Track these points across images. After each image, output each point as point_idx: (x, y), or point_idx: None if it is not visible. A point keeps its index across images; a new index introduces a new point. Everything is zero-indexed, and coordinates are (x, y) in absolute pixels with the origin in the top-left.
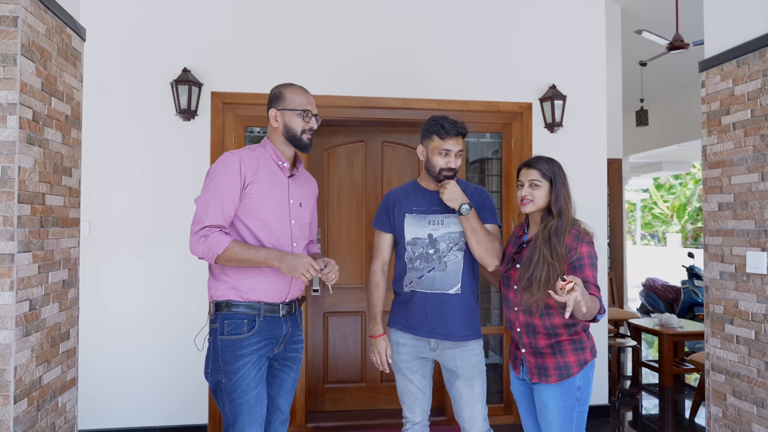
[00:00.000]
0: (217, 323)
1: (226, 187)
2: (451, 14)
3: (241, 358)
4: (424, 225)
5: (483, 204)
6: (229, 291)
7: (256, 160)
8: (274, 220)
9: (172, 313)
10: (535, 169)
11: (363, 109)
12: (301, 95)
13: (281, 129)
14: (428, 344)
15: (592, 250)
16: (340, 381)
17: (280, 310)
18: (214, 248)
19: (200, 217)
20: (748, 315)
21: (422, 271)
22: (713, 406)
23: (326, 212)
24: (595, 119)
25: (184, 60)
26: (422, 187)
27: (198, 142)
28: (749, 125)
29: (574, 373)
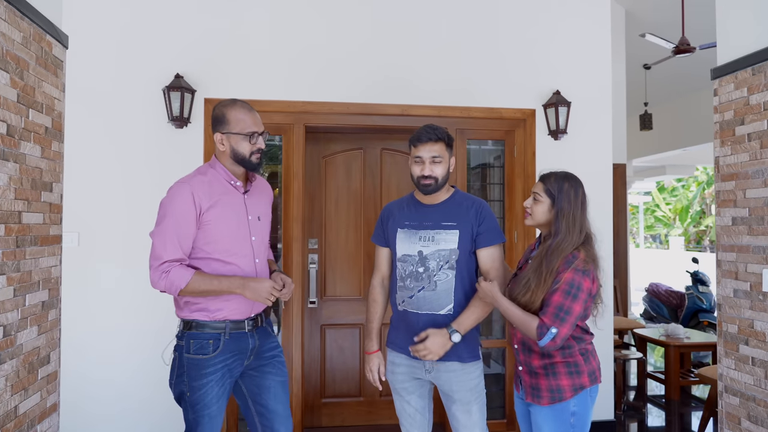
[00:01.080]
0: (184, 341)
1: (181, 220)
2: (452, 19)
3: (206, 377)
4: (414, 241)
5: (481, 222)
6: (195, 312)
7: (208, 186)
8: (234, 242)
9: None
10: (542, 182)
11: (361, 116)
12: (245, 115)
13: (228, 152)
14: (423, 366)
15: (577, 278)
16: (338, 395)
17: (246, 326)
18: (176, 283)
19: (158, 253)
20: (765, 336)
21: (412, 290)
22: (726, 429)
23: (323, 222)
24: (600, 126)
25: (177, 66)
26: (416, 200)
27: (191, 149)
28: (766, 137)
29: (567, 397)
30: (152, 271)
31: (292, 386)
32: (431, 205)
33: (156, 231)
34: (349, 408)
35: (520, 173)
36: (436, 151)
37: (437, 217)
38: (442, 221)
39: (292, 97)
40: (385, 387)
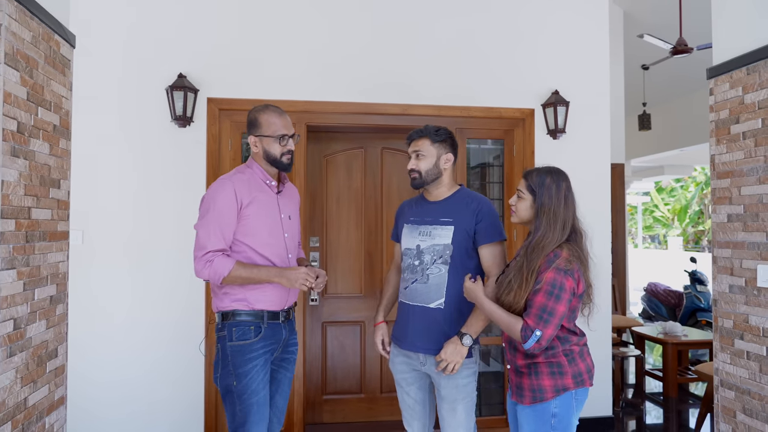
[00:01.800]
0: (225, 331)
1: (224, 213)
2: (451, 19)
3: (250, 362)
4: (415, 235)
5: (480, 220)
6: (235, 302)
7: (247, 183)
8: (270, 237)
9: (161, 322)
10: (525, 179)
11: (362, 116)
12: (276, 119)
13: (261, 153)
14: (417, 358)
15: (558, 278)
16: (339, 392)
17: (280, 317)
18: (219, 271)
19: (203, 243)
20: (760, 330)
21: (408, 281)
22: (722, 423)
23: (325, 219)
24: (598, 125)
25: (180, 65)
26: (423, 198)
27: (194, 149)
28: (760, 135)
29: (548, 398)
30: (197, 261)
31: (294, 383)
32: (434, 202)
33: (200, 223)
34: (350, 404)
35: (519, 172)
36: (418, 146)
37: (437, 213)
38: (441, 217)
39: (294, 96)
40: (386, 383)
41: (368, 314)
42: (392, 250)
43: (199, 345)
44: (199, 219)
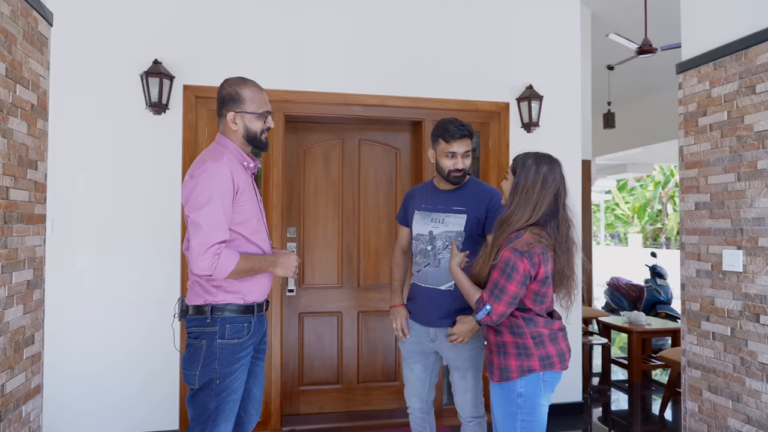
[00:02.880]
0: (217, 326)
1: (225, 200)
2: (429, 12)
3: (239, 361)
4: (427, 222)
5: (490, 209)
6: (229, 295)
7: (236, 166)
8: (258, 223)
9: (136, 314)
10: (513, 160)
11: (340, 106)
12: (259, 94)
13: (241, 131)
14: (428, 334)
15: (513, 258)
16: (316, 383)
17: (264, 307)
18: (226, 266)
19: (209, 234)
20: (724, 312)
21: (420, 265)
22: (689, 401)
23: (302, 210)
24: (570, 121)
25: (155, 51)
26: (434, 186)
27: (169, 136)
28: (726, 126)
29: (513, 377)
30: (201, 255)
31: (271, 374)
32: (447, 191)
33: (203, 213)
34: (327, 395)
35: (494, 164)
36: (467, 145)
37: (450, 201)
38: (453, 206)
39: (271, 85)
40: (363, 374)
41: (346, 304)
42: (370, 240)
43: (173, 341)
44: (199, 209)
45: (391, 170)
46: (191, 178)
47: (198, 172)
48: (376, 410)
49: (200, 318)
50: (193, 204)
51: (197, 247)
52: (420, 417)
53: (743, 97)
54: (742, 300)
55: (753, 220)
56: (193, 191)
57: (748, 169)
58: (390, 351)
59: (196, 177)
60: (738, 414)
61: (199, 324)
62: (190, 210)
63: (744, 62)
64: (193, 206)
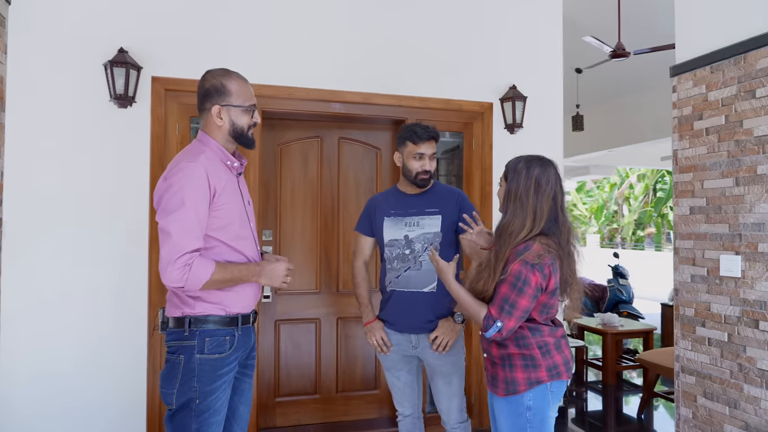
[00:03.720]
0: (195, 340)
1: (199, 205)
2: (414, 10)
3: (220, 378)
4: (401, 227)
5: (461, 209)
6: (209, 307)
7: (215, 166)
8: (242, 228)
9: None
10: (506, 166)
11: (320, 103)
12: (245, 87)
13: (227, 127)
14: (410, 341)
15: (524, 272)
16: (293, 393)
17: (250, 319)
18: (199, 276)
19: (179, 243)
20: (721, 317)
21: (399, 270)
22: (683, 407)
23: (278, 212)
24: (552, 122)
25: (121, 39)
26: (401, 191)
27: (136, 132)
28: (723, 131)
29: (521, 390)
30: (171, 265)
31: None
32: (414, 195)
33: (173, 219)
34: (305, 406)
35: (478, 165)
36: (433, 147)
37: (421, 204)
38: (426, 208)
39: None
40: (341, 383)
41: (324, 311)
42: (350, 243)
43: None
44: (168, 214)
45: (372, 170)
46: (164, 180)
47: (172, 173)
48: (356, 420)
49: (178, 331)
50: (164, 209)
51: (166, 257)
52: (411, 423)
53: (742, 102)
54: (740, 306)
55: (752, 226)
56: (164, 195)
57: (747, 174)
58: (370, 359)
59: (169, 179)
60: (735, 420)
61: (177, 338)
62: (160, 216)
63: (743, 66)
64: (163, 212)
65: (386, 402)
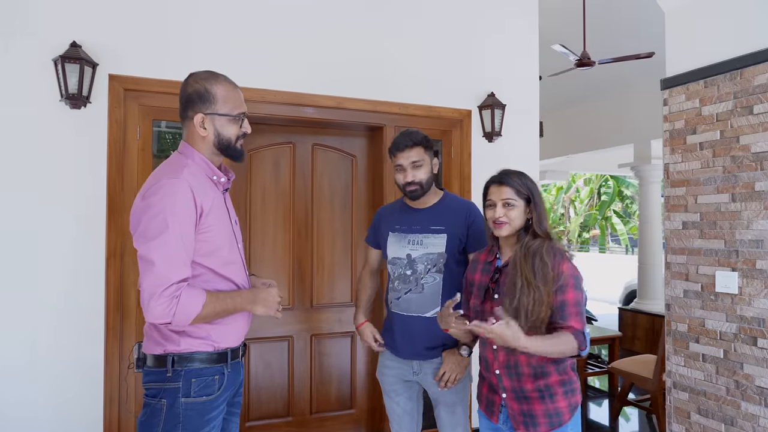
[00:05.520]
0: (180, 382)
1: (185, 228)
2: (392, 15)
3: (209, 423)
4: (404, 245)
5: (471, 226)
6: (198, 342)
7: (200, 182)
8: (231, 252)
9: (54, 346)
10: (508, 186)
11: (293, 107)
12: (233, 92)
13: (212, 138)
14: (411, 367)
15: (573, 267)
16: (264, 417)
17: (240, 353)
18: (189, 309)
19: (164, 273)
20: (716, 334)
21: (400, 292)
22: (675, 423)
23: (248, 223)
24: (529, 129)
25: (74, 32)
26: (407, 205)
27: (92, 135)
28: (718, 146)
29: (566, 420)
30: (155, 299)
31: None
32: (420, 209)
33: (155, 245)
34: (277, 430)
35: (457, 175)
36: (414, 156)
37: (426, 221)
38: (431, 225)
39: None
40: (316, 404)
41: (297, 328)
42: (324, 256)
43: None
44: (150, 240)
45: (348, 178)
46: (142, 199)
47: (150, 192)
48: None
49: (159, 371)
50: (143, 234)
51: (150, 289)
52: None
53: (739, 117)
54: (737, 322)
55: (750, 242)
56: (142, 218)
57: (744, 190)
58: (345, 376)
59: (147, 198)
60: None
61: (158, 379)
62: (139, 242)
63: (740, 82)
64: (143, 237)
65: (363, 422)
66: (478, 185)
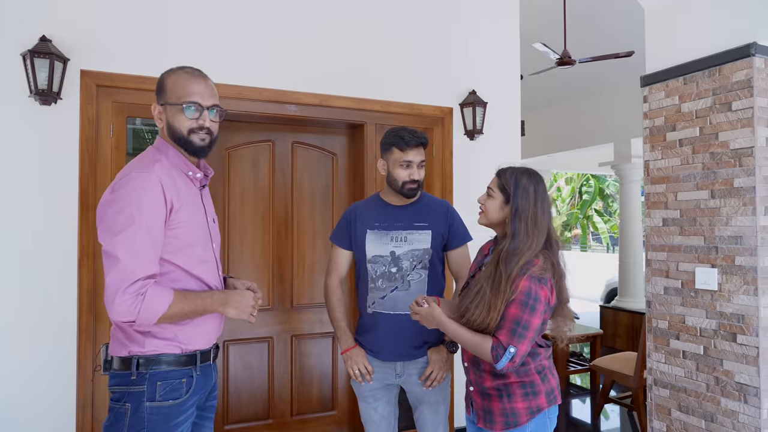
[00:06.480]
0: (145, 385)
1: (153, 223)
2: (373, 13)
3: (176, 428)
4: (386, 242)
5: (452, 223)
6: (164, 343)
7: (172, 178)
8: (204, 250)
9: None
10: (497, 176)
11: (272, 104)
12: (185, 80)
13: (165, 129)
14: (394, 369)
15: (534, 287)
16: (244, 420)
17: (211, 356)
18: (156, 307)
19: (129, 268)
20: (696, 330)
21: (385, 291)
22: (656, 420)
23: (227, 222)
24: (510, 127)
25: (43, 26)
26: (385, 201)
27: (63, 132)
28: (697, 142)
29: (523, 422)
30: (120, 295)
31: None
32: (401, 206)
33: (120, 240)
34: None
35: (438, 173)
36: (422, 155)
37: (409, 217)
38: (414, 222)
39: None
40: (296, 405)
41: (278, 329)
42: (305, 255)
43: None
44: (115, 235)
45: (328, 177)
46: (110, 192)
47: (119, 184)
48: None
49: (124, 374)
50: (108, 228)
51: (114, 285)
52: None
53: (717, 114)
54: (717, 319)
55: (729, 239)
56: (108, 211)
57: (723, 187)
58: (327, 377)
59: (115, 191)
60: None
61: (123, 381)
62: (104, 237)
63: (718, 78)
64: (108, 232)
65: (344, 423)
66: (459, 183)
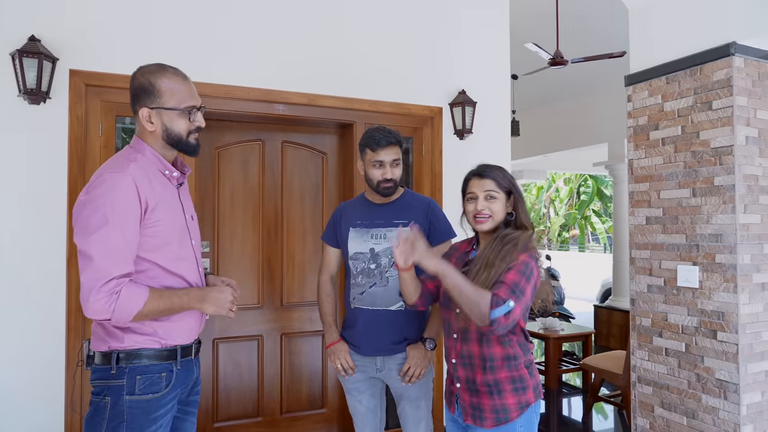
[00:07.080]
0: (124, 379)
1: (127, 222)
2: (363, 11)
3: (155, 422)
4: (366, 239)
5: (433, 219)
6: (144, 338)
7: (147, 177)
8: (182, 248)
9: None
10: (490, 178)
11: (262, 103)
12: (181, 85)
13: (160, 132)
14: (374, 364)
15: (530, 262)
16: (233, 417)
17: (192, 351)
18: (130, 306)
19: (103, 267)
20: (678, 328)
21: (363, 286)
22: (640, 417)
23: (216, 221)
24: (500, 127)
25: (32, 26)
26: (368, 200)
27: (52, 131)
28: (679, 141)
29: (513, 417)
30: (94, 293)
31: None
32: (383, 204)
33: (94, 239)
34: (247, 430)
35: (428, 172)
36: (395, 154)
37: (389, 215)
38: (394, 219)
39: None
40: (286, 403)
41: (267, 327)
42: (294, 254)
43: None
44: (89, 234)
45: (318, 176)
46: (85, 193)
47: (93, 185)
48: None
49: (104, 368)
50: (83, 228)
51: (88, 284)
52: None
53: (699, 113)
54: (697, 316)
55: (710, 237)
56: (83, 212)
57: (704, 185)
58: (316, 375)
59: (89, 192)
60: (693, 431)
61: (103, 376)
62: (79, 237)
63: (699, 78)
64: (82, 232)
65: (334, 421)
66: (449, 182)
